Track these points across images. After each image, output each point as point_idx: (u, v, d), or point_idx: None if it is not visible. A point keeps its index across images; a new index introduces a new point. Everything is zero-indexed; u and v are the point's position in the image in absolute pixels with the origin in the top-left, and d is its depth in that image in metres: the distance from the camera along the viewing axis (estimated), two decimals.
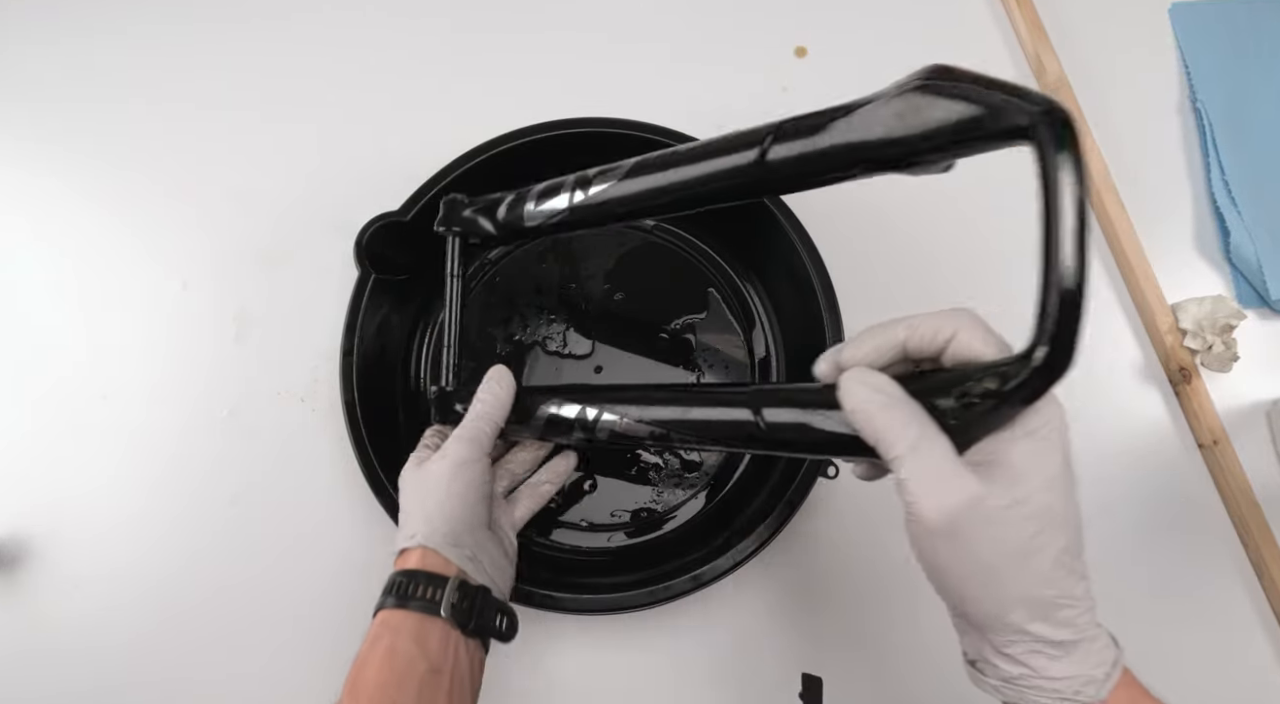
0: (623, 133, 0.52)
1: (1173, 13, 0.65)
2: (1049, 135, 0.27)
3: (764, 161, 0.36)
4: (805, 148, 0.35)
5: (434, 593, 0.39)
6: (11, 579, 0.52)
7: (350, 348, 0.50)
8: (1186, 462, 0.56)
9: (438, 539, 0.40)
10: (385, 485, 0.48)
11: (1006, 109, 0.28)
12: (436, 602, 0.38)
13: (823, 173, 0.35)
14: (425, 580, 0.39)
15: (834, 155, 0.35)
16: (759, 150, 0.36)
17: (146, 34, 0.63)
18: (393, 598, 0.39)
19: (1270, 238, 0.58)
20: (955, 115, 0.30)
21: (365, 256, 0.49)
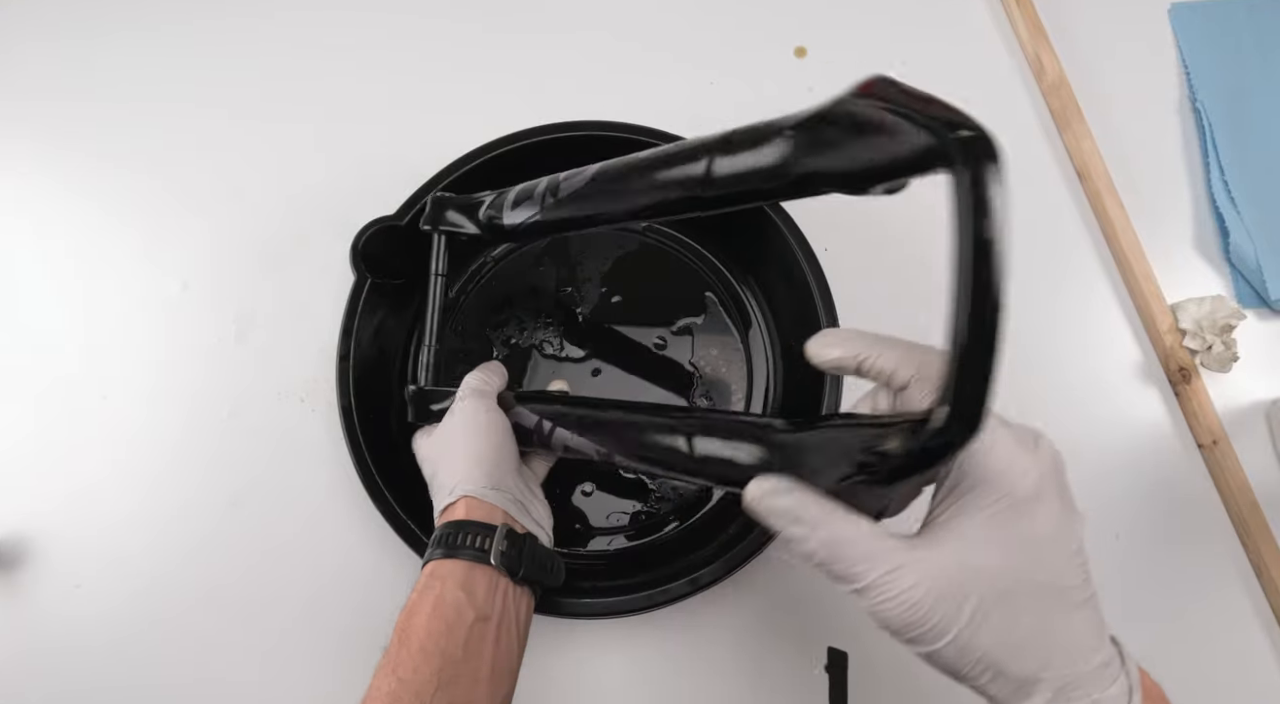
0: (622, 137, 0.52)
1: (1173, 13, 0.65)
2: (961, 161, 0.23)
3: (710, 178, 0.34)
4: (749, 164, 0.32)
5: (482, 541, 0.39)
6: (11, 579, 0.52)
7: (346, 352, 0.50)
8: (1186, 462, 0.56)
9: (480, 485, 0.41)
10: (381, 490, 0.48)
11: (914, 132, 0.26)
12: (485, 550, 0.39)
13: (768, 194, 0.34)
14: (473, 529, 0.39)
15: (775, 175, 0.32)
16: (705, 164, 0.34)
17: (147, 34, 0.63)
18: (440, 549, 0.39)
19: (1270, 238, 0.58)
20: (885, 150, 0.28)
21: (361, 261, 0.49)
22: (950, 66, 0.64)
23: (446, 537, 0.39)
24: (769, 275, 0.56)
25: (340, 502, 0.53)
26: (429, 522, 0.48)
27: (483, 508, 0.40)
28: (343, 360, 0.50)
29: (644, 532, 0.53)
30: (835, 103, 0.30)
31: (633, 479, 0.53)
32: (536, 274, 0.57)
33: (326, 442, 0.54)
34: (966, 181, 0.23)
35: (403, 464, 0.51)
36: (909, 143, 0.26)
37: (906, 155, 0.27)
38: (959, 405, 0.23)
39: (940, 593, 0.26)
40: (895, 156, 0.27)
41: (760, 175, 0.32)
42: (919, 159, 0.26)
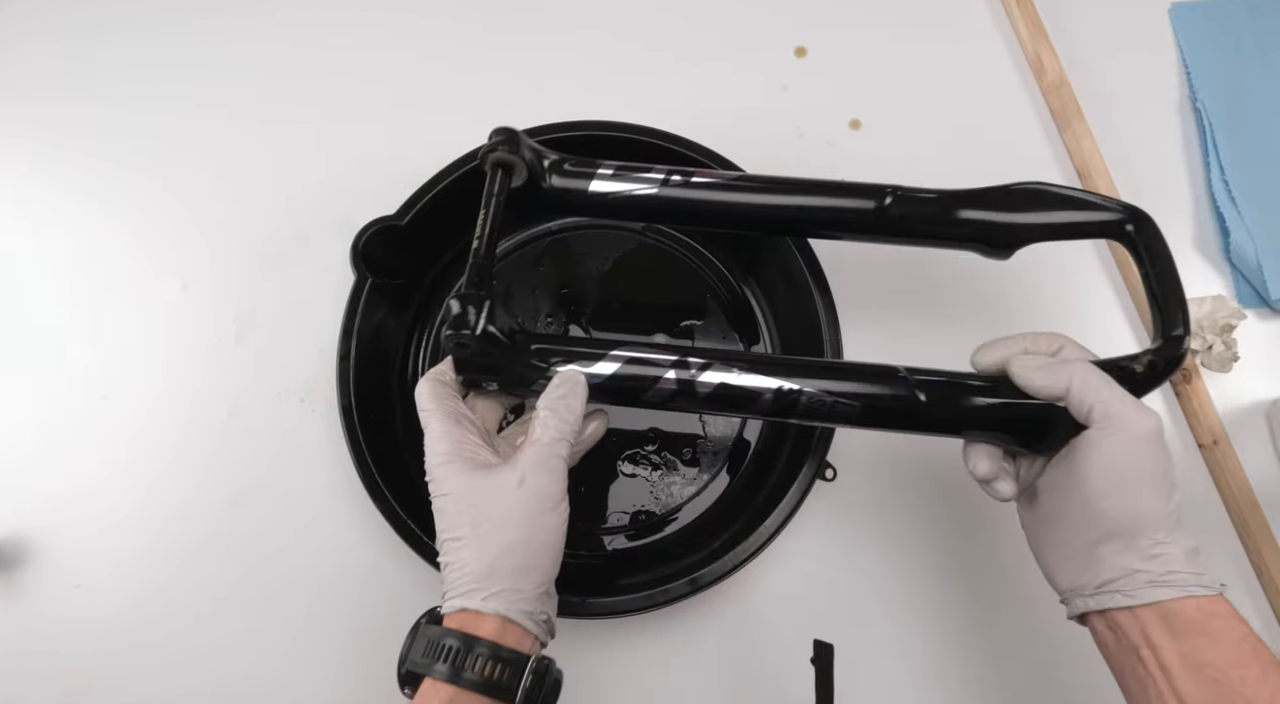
0: (622, 137, 0.52)
1: (1173, 13, 0.65)
2: (1144, 232, 0.41)
3: (883, 210, 0.42)
4: (923, 210, 0.42)
5: (510, 677, 0.34)
6: (11, 579, 0.52)
7: (347, 352, 0.50)
8: (1186, 462, 0.56)
9: (520, 607, 0.35)
10: (382, 490, 0.48)
11: (1103, 212, 0.41)
12: (511, 689, 0.34)
13: (931, 236, 0.43)
14: (504, 662, 0.34)
15: (954, 226, 0.42)
16: (877, 202, 0.42)
17: (147, 34, 0.63)
18: (451, 667, 0.33)
19: (1270, 238, 0.58)
20: (1066, 218, 0.41)
21: (361, 261, 0.49)
22: (950, 66, 0.64)
23: (466, 657, 0.34)
24: (769, 276, 0.56)
25: (340, 501, 0.53)
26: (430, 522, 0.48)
27: (516, 633, 0.35)
28: (343, 360, 0.50)
29: (644, 532, 0.53)
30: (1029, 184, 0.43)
31: (632, 478, 0.53)
32: (537, 274, 0.57)
33: (326, 442, 0.54)
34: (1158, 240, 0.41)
35: (404, 463, 0.51)
36: (1097, 216, 0.41)
37: (1090, 224, 0.41)
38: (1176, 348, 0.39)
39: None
40: (1077, 223, 0.41)
41: (927, 218, 0.43)
42: (1098, 229, 0.41)
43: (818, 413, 0.40)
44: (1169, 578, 0.33)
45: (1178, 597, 0.32)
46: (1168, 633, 0.32)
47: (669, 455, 0.54)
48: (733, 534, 0.48)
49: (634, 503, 0.53)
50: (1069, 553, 0.36)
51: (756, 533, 0.46)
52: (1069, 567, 0.36)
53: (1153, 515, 0.34)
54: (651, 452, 0.54)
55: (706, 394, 0.39)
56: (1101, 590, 0.34)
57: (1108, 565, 0.34)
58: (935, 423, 0.40)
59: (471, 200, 0.53)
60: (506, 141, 0.42)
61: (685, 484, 0.53)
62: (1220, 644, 0.32)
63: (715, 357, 0.40)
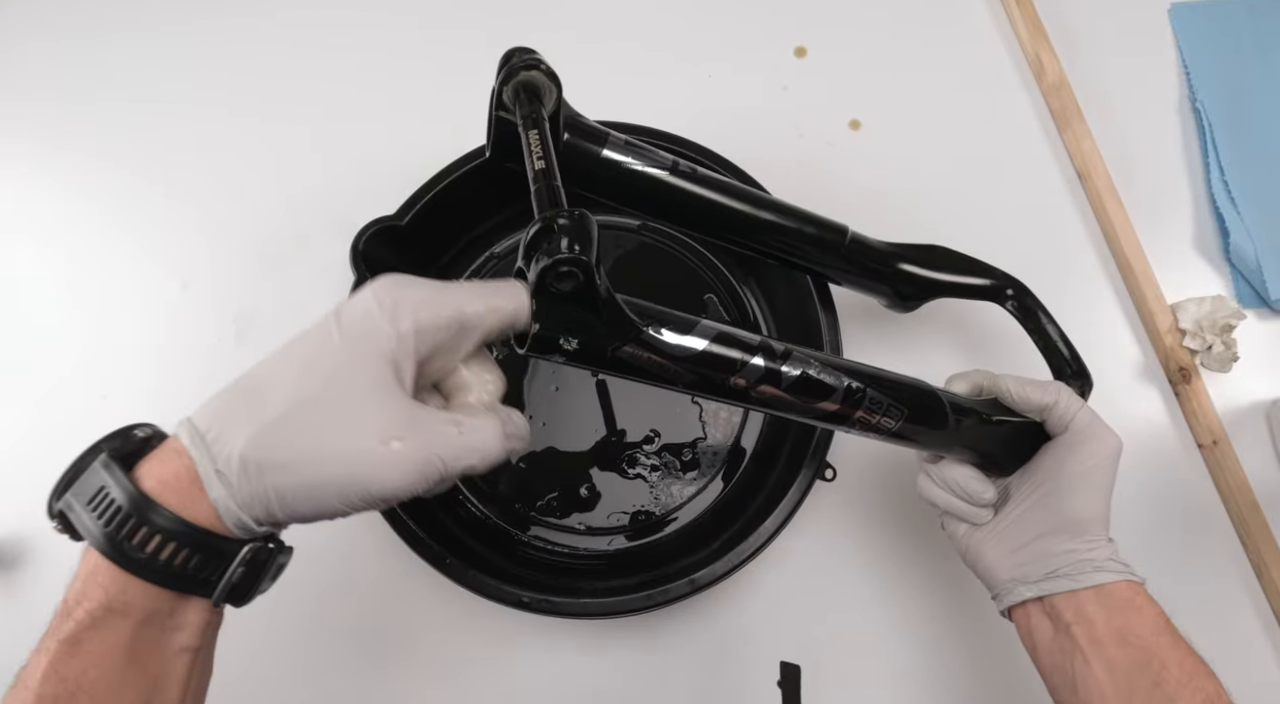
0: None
1: (1173, 13, 0.65)
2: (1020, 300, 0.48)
3: (845, 248, 0.46)
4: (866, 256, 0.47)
5: (200, 567, 0.27)
6: (11, 579, 0.52)
7: None
8: (1186, 462, 0.56)
9: (250, 507, 0.27)
10: None
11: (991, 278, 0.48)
12: (209, 583, 0.27)
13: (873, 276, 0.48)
14: (201, 548, 0.26)
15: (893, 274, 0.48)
16: (846, 239, 0.46)
17: (147, 34, 0.63)
18: (99, 527, 0.26)
19: (1270, 238, 0.58)
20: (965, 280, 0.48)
21: (361, 261, 0.49)
22: (950, 67, 0.64)
23: (133, 527, 0.26)
24: (768, 276, 0.56)
25: None
26: (430, 522, 0.48)
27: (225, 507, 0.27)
28: None
29: (644, 532, 0.53)
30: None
31: (632, 479, 0.53)
32: None
33: None
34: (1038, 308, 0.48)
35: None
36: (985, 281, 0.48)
37: (981, 287, 0.48)
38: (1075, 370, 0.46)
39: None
40: (973, 286, 0.49)
41: (877, 258, 0.48)
42: (985, 292, 0.48)
43: (872, 416, 0.38)
44: (1108, 565, 0.38)
45: (1114, 580, 0.37)
46: (1103, 610, 0.37)
47: (669, 456, 0.53)
48: (732, 535, 0.48)
49: (634, 503, 0.53)
50: (1016, 547, 0.40)
51: (756, 533, 0.46)
52: (1013, 560, 0.40)
53: (1100, 515, 0.39)
54: (651, 453, 0.54)
55: (789, 384, 0.36)
56: (1049, 577, 0.38)
57: (1056, 555, 0.38)
58: (953, 441, 0.41)
59: (472, 200, 0.53)
60: (537, 61, 0.37)
61: (685, 485, 0.53)
62: (1144, 618, 0.36)
63: (790, 348, 0.37)
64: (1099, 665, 0.36)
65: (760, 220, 0.44)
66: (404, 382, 0.29)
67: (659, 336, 0.33)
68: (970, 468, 0.42)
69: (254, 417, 0.28)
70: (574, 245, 0.29)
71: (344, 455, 0.27)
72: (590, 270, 0.29)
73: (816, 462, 0.47)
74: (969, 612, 0.52)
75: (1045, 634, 0.38)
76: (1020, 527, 0.40)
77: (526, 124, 0.35)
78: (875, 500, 0.54)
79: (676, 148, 0.52)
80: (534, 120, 0.36)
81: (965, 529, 0.42)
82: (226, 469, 0.27)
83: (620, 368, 0.33)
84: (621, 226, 0.58)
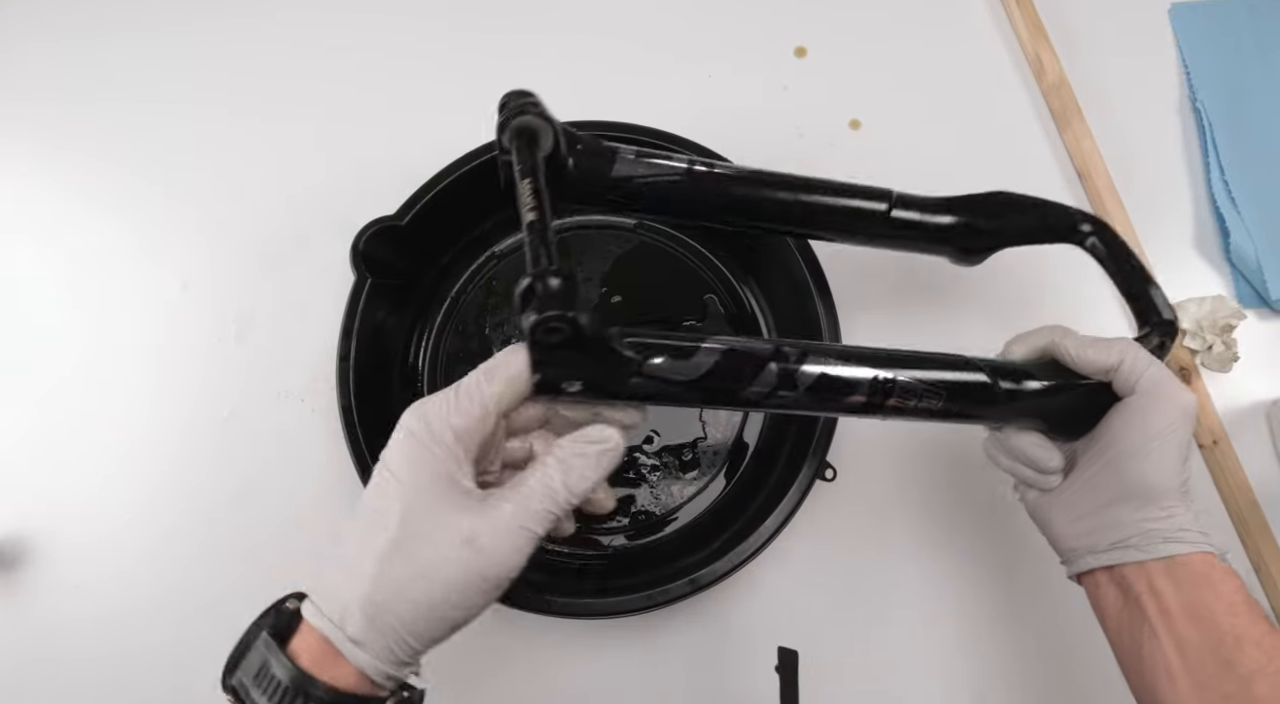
0: (623, 137, 0.52)
1: (1173, 13, 0.65)
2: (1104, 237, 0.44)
3: (889, 216, 0.43)
4: (920, 217, 0.44)
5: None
6: (11, 579, 0.52)
7: (347, 352, 0.50)
8: None
9: (397, 659, 0.31)
10: None
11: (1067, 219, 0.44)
12: None
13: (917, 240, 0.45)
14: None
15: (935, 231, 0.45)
16: (888, 205, 0.43)
17: (147, 34, 0.63)
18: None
19: (1270, 238, 0.58)
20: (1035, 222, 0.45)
21: (361, 261, 0.49)
22: (950, 66, 0.64)
23: (283, 692, 0.29)
24: (769, 276, 0.56)
25: (340, 501, 0.53)
26: None
27: (370, 687, 0.30)
28: (343, 360, 0.50)
29: (643, 532, 0.53)
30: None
31: (632, 478, 0.53)
32: None
33: (326, 442, 0.54)
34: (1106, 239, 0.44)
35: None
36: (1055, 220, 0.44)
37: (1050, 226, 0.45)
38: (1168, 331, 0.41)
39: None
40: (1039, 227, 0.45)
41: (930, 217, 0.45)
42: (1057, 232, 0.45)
43: (907, 403, 0.37)
44: (1181, 535, 0.35)
45: (1187, 552, 0.35)
46: (1172, 583, 0.35)
47: (668, 457, 0.53)
48: (732, 534, 0.48)
49: (634, 503, 0.53)
50: (1083, 515, 0.38)
51: (756, 533, 0.46)
52: (1081, 527, 0.38)
53: (1173, 481, 0.36)
54: (651, 453, 0.54)
55: (808, 386, 0.36)
56: (1116, 546, 0.37)
57: (1125, 524, 0.36)
58: (1010, 412, 0.39)
59: (472, 200, 0.53)
60: (533, 104, 0.38)
61: (685, 485, 0.53)
62: (1219, 594, 0.34)
63: (807, 347, 0.36)
64: (1168, 642, 0.34)
65: (800, 204, 0.43)
66: (463, 484, 0.32)
67: (659, 368, 0.34)
68: (1035, 434, 0.40)
69: (357, 581, 0.30)
70: (562, 302, 0.30)
71: (441, 572, 0.30)
72: (577, 324, 0.31)
73: (817, 461, 0.47)
74: (979, 609, 0.52)
75: (1114, 604, 0.37)
76: (1087, 494, 0.38)
77: (521, 173, 0.36)
78: (876, 500, 0.54)
79: (678, 150, 0.52)
80: (528, 169, 0.36)
81: (1035, 495, 0.41)
82: (357, 634, 0.30)
83: (633, 397, 0.35)
84: (619, 226, 0.58)
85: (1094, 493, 0.38)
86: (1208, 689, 0.33)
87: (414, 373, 0.56)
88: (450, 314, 0.56)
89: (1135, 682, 0.36)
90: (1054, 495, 0.40)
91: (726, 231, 0.56)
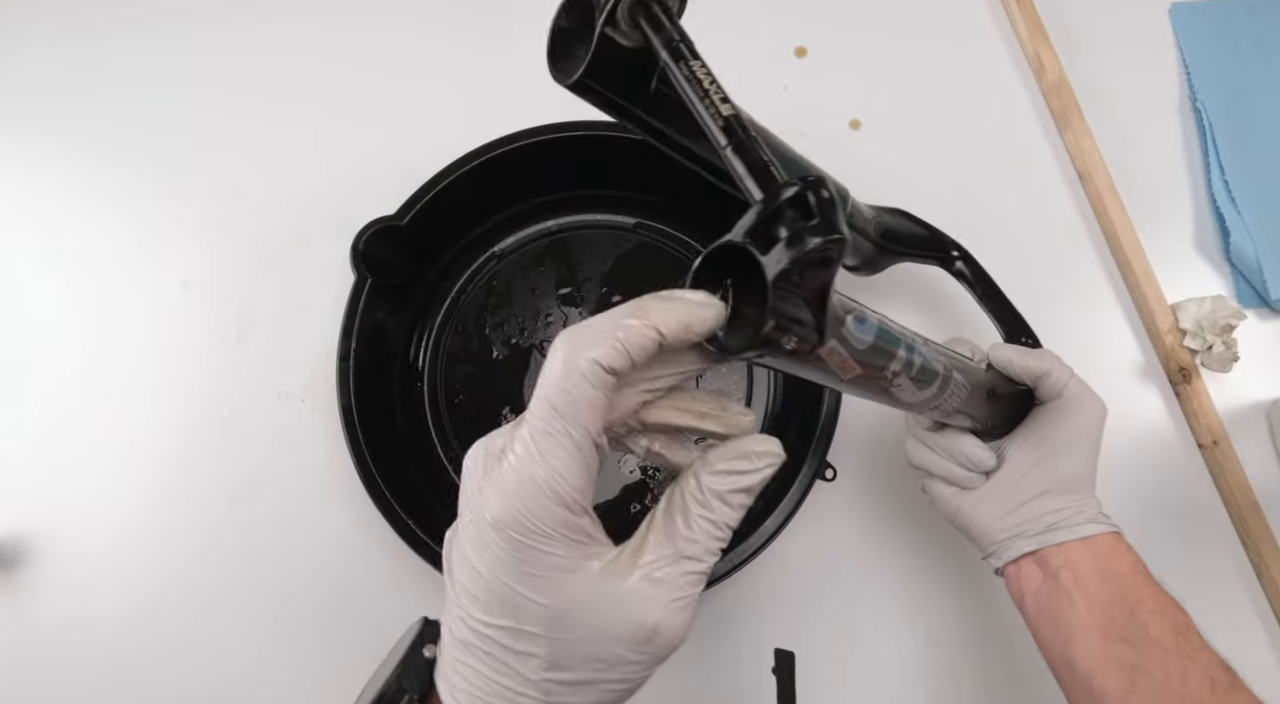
0: (623, 137, 0.52)
1: (1173, 13, 0.65)
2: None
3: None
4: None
5: None
6: (11, 579, 0.52)
7: (347, 352, 0.50)
8: (1186, 462, 0.56)
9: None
10: (382, 490, 0.48)
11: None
12: None
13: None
14: None
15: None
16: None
17: (147, 34, 0.63)
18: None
19: (1270, 238, 0.58)
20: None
21: (362, 261, 0.49)
22: (950, 66, 0.64)
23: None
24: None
25: (341, 501, 0.53)
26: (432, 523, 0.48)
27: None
28: (343, 360, 0.50)
29: None
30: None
31: (630, 476, 0.53)
32: (537, 274, 0.57)
33: (326, 442, 0.54)
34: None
35: (404, 463, 0.51)
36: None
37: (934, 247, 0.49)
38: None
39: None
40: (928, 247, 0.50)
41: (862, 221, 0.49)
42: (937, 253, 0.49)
43: (951, 400, 0.36)
44: (1099, 518, 0.41)
45: (1101, 531, 0.41)
46: (1088, 554, 0.40)
47: None
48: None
49: (634, 504, 0.53)
50: (1015, 507, 0.42)
51: (756, 533, 0.46)
52: (1012, 519, 0.42)
53: (1089, 475, 0.42)
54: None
55: (916, 373, 0.32)
56: (1049, 529, 0.41)
57: (1054, 512, 0.41)
58: (994, 412, 0.42)
59: (472, 200, 0.53)
60: None
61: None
62: (1124, 561, 0.40)
63: (914, 335, 0.33)
64: (1081, 602, 0.39)
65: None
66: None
67: (853, 331, 0.28)
68: (971, 436, 0.43)
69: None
70: (836, 213, 0.23)
71: (616, 674, 0.26)
72: (844, 247, 0.24)
73: (817, 461, 0.47)
74: (977, 609, 0.52)
75: (1034, 582, 0.41)
76: (1019, 487, 0.42)
77: (686, 49, 0.26)
78: (875, 500, 0.54)
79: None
80: (688, 47, 0.26)
81: (954, 492, 0.44)
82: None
83: (811, 366, 0.27)
84: (619, 226, 0.58)
85: (1025, 487, 0.42)
86: (1113, 636, 0.38)
87: (414, 372, 0.55)
88: (450, 314, 0.56)
89: (1052, 652, 0.40)
90: (980, 493, 0.43)
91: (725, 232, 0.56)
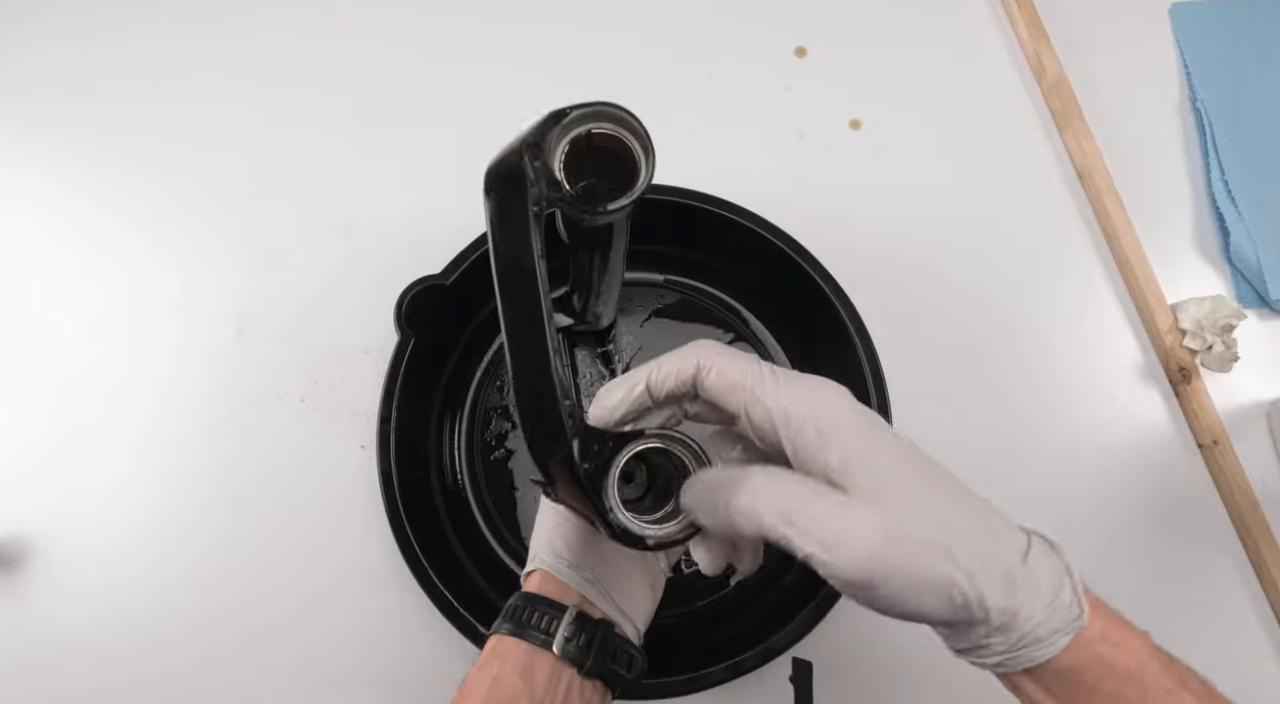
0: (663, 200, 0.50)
1: (1173, 13, 0.65)
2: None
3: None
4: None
5: (549, 623, 0.35)
6: (11, 579, 0.52)
7: (388, 415, 0.47)
8: (1186, 462, 0.56)
9: (556, 561, 0.37)
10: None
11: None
12: (551, 634, 0.35)
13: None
14: (542, 607, 0.35)
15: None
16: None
17: (147, 33, 0.63)
18: (508, 623, 0.36)
19: (1270, 237, 0.58)
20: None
21: (405, 321, 0.48)
22: (950, 66, 0.64)
23: (515, 610, 0.36)
24: (802, 321, 0.54)
25: (340, 500, 0.53)
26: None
27: (555, 585, 0.37)
28: (384, 423, 0.48)
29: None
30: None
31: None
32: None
33: (327, 441, 0.54)
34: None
35: (439, 532, 0.50)
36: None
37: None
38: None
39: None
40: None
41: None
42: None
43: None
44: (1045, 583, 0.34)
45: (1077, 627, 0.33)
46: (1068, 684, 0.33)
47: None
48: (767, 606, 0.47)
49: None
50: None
51: (801, 616, 0.45)
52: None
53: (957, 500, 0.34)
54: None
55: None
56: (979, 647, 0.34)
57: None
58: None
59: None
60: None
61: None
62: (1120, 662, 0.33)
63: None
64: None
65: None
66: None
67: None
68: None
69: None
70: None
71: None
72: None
73: None
74: None
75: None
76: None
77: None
78: None
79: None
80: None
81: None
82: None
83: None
84: (649, 283, 0.56)
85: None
86: None
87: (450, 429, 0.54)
88: (489, 371, 0.54)
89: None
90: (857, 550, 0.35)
91: (754, 284, 0.54)
